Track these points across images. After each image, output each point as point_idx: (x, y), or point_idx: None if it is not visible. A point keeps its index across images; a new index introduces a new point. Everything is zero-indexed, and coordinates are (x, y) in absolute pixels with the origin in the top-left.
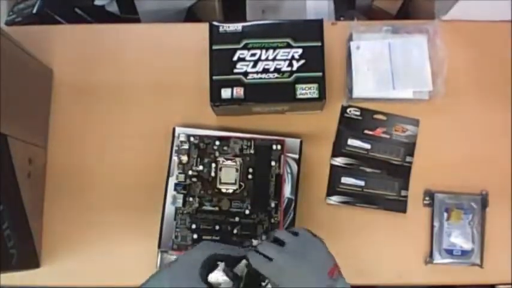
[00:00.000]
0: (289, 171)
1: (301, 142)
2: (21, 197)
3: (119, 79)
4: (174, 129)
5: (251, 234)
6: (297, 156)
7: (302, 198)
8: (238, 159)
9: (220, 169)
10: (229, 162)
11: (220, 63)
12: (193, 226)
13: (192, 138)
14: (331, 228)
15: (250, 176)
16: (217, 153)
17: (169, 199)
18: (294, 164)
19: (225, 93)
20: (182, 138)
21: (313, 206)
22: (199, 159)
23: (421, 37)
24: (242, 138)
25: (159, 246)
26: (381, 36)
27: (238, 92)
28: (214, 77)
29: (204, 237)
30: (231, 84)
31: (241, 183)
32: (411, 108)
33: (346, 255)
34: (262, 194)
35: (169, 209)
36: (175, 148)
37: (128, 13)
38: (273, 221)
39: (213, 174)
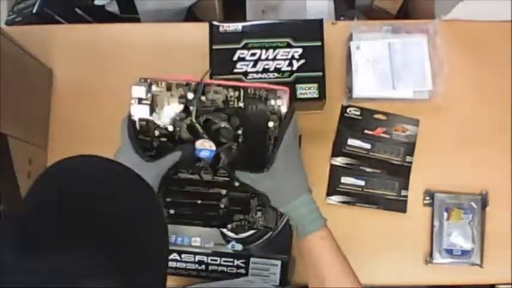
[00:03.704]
0: None
1: (300, 137)
2: (21, 197)
3: (118, 79)
4: None
5: (242, 209)
6: None
7: None
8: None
9: (196, 135)
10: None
11: (220, 63)
12: (168, 199)
13: (154, 87)
14: (331, 228)
15: (239, 139)
16: (191, 108)
17: None
18: None
19: None
20: (141, 92)
21: None
22: (166, 115)
23: (421, 37)
24: (227, 87)
25: None
26: (381, 36)
27: None
28: (214, 77)
29: (184, 212)
30: None
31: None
32: (411, 108)
33: (346, 255)
34: (256, 159)
35: None
36: (131, 102)
37: (128, 13)
38: None
39: (187, 134)
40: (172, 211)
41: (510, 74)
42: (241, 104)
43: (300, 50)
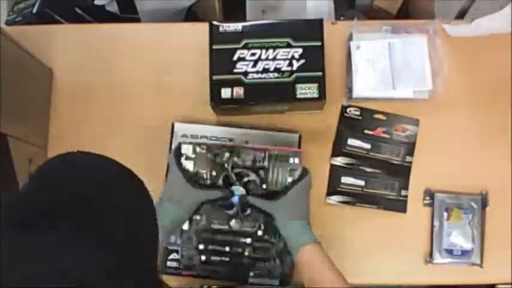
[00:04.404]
0: None
1: (300, 137)
2: None
3: (118, 79)
4: (172, 125)
5: (264, 257)
6: None
7: None
8: (251, 174)
9: (231, 184)
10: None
11: (220, 63)
12: (201, 246)
13: (198, 149)
14: (331, 228)
15: (262, 192)
16: (226, 165)
17: None
18: None
19: (225, 93)
20: (188, 151)
21: (313, 206)
22: (206, 173)
23: (421, 37)
24: (255, 149)
25: None
26: (381, 36)
27: (238, 91)
28: (214, 77)
29: (212, 258)
30: (231, 84)
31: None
32: (411, 108)
33: (346, 255)
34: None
35: None
36: (182, 161)
37: (127, 13)
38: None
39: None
40: (203, 257)
41: (510, 74)
42: (265, 163)
43: (300, 50)
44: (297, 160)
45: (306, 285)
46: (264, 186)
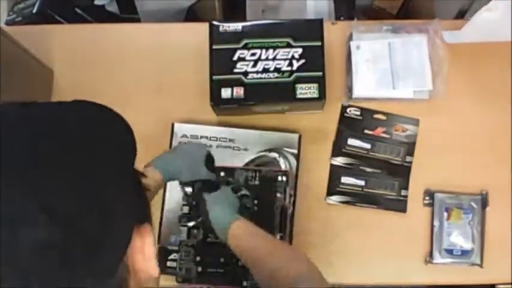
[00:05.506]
0: (288, 166)
1: (299, 137)
2: None
3: (119, 79)
4: (172, 125)
5: None
6: (295, 151)
7: (302, 197)
8: (243, 191)
9: None
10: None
11: (220, 63)
12: (198, 258)
13: None
14: (331, 228)
15: (255, 208)
16: (221, 185)
17: (168, 194)
18: (293, 159)
19: (225, 93)
20: None
21: (313, 206)
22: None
23: (421, 37)
24: (247, 170)
25: (158, 242)
26: (381, 36)
27: (238, 91)
28: (214, 77)
29: (209, 269)
30: (231, 84)
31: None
32: (411, 108)
33: (346, 255)
34: (267, 226)
35: (169, 205)
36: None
37: (128, 13)
38: None
39: None
40: (200, 269)
41: (510, 74)
42: (256, 182)
43: (300, 50)
44: (284, 178)
45: (244, 255)
46: (256, 201)
